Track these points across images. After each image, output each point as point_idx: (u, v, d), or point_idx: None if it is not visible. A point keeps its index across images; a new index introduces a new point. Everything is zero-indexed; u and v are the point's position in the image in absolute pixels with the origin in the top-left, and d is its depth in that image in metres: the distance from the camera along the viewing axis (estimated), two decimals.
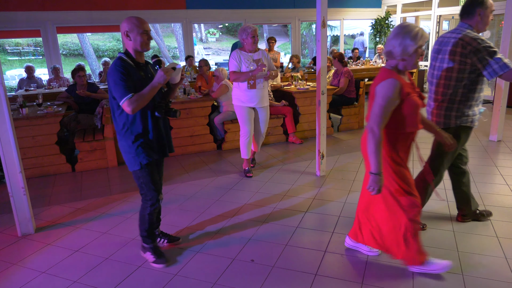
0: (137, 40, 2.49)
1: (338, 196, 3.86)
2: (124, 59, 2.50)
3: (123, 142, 2.61)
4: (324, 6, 3.98)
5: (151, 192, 2.69)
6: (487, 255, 2.73)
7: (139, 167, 2.61)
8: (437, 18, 9.84)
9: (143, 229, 2.78)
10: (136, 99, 2.41)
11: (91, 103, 5.60)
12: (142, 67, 2.60)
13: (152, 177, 2.67)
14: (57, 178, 4.75)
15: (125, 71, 2.44)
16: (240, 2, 9.50)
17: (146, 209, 2.74)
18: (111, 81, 2.44)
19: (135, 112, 2.47)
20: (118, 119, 2.57)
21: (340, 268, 2.66)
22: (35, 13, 7.90)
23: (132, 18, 2.50)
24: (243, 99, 4.25)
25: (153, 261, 2.78)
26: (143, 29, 2.49)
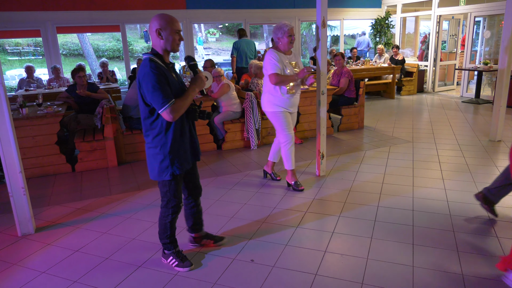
0: (169, 40, 2.34)
1: (338, 196, 3.86)
2: (155, 60, 2.32)
3: (156, 150, 2.43)
4: (324, 6, 3.98)
5: (174, 200, 2.60)
6: (487, 255, 2.73)
7: (170, 177, 2.48)
8: (437, 18, 9.84)
9: (165, 236, 2.69)
10: (179, 105, 2.29)
11: (91, 103, 5.60)
12: (171, 67, 2.46)
13: (179, 187, 2.58)
14: (57, 178, 4.75)
15: (162, 74, 2.26)
16: (240, 2, 9.50)
17: (168, 217, 2.64)
18: (146, 86, 2.25)
19: (175, 120, 2.32)
20: (151, 126, 2.40)
21: (340, 268, 2.66)
22: (35, 13, 7.90)
23: (165, 16, 2.34)
24: (283, 104, 3.86)
25: (177, 265, 2.71)
26: (176, 28, 2.35)
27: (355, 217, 3.40)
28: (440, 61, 10.22)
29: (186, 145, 2.51)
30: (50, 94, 6.61)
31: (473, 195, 3.43)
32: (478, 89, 8.78)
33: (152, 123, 2.39)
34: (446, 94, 10.07)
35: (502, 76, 5.31)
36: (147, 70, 2.26)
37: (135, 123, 5.32)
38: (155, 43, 2.38)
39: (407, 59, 10.74)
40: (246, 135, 5.63)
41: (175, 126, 2.41)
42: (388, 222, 3.27)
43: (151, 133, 2.42)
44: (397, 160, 4.85)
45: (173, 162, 2.45)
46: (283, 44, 3.77)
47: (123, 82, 12.45)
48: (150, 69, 2.25)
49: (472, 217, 3.30)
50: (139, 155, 5.31)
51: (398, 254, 2.78)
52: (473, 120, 7.00)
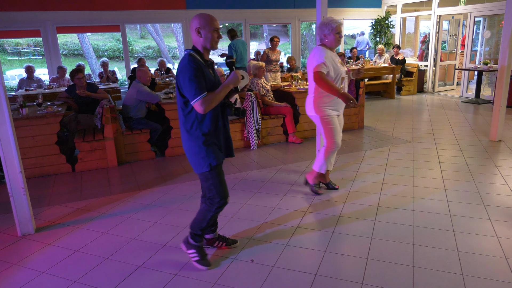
0: (208, 38, 2.42)
1: (338, 196, 3.86)
2: (194, 56, 2.41)
3: (192, 143, 2.50)
4: (324, 6, 3.98)
5: (220, 194, 2.58)
6: (487, 255, 2.73)
7: (209, 168, 2.51)
8: (437, 18, 9.84)
9: (199, 227, 2.69)
10: (210, 98, 2.35)
11: (91, 103, 5.60)
12: (210, 65, 2.53)
13: (222, 178, 2.58)
14: (57, 178, 4.75)
15: (199, 68, 2.35)
16: (240, 2, 9.50)
17: (211, 211, 2.62)
18: (183, 78, 2.35)
19: (206, 112, 2.39)
20: (186, 119, 2.48)
21: (340, 268, 2.66)
22: (35, 13, 7.90)
23: (205, 15, 2.43)
24: (335, 106, 3.66)
25: (196, 260, 2.72)
26: (215, 26, 2.43)
27: (355, 217, 3.40)
28: (440, 61, 10.22)
29: (220, 139, 2.58)
30: (50, 94, 6.62)
31: None
32: (478, 89, 8.78)
33: (187, 115, 2.47)
34: (446, 94, 10.08)
35: (502, 76, 5.31)
36: (185, 63, 2.36)
37: (135, 123, 5.32)
38: (195, 41, 2.47)
39: (407, 59, 10.74)
40: (246, 135, 5.63)
41: (209, 119, 2.48)
42: (388, 222, 3.28)
43: (186, 126, 2.50)
44: (397, 160, 4.85)
45: (209, 153, 2.50)
46: (329, 42, 3.50)
47: (123, 82, 12.45)
48: (188, 62, 2.36)
49: (472, 217, 3.30)
50: (139, 155, 5.31)
51: (398, 254, 2.78)
52: (473, 120, 7.00)
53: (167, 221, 3.46)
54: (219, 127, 2.56)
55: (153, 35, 17.75)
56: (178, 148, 5.46)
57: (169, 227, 3.33)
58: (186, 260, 2.82)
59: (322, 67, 3.41)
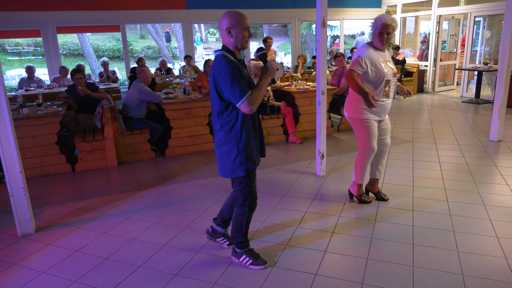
0: (239, 37, 2.35)
1: (338, 196, 3.86)
2: (228, 56, 2.34)
3: (229, 146, 2.42)
4: (324, 6, 3.98)
5: (251, 197, 2.56)
6: (487, 255, 2.73)
7: (245, 173, 2.46)
8: (437, 18, 9.84)
9: (240, 235, 2.67)
10: (256, 97, 2.29)
11: (91, 103, 5.60)
12: (242, 63, 2.46)
13: (253, 182, 2.55)
14: (57, 178, 4.75)
15: (236, 69, 2.28)
16: (240, 2, 9.50)
17: (244, 215, 2.60)
18: (223, 80, 2.27)
19: (254, 111, 2.31)
20: (226, 121, 2.40)
21: (340, 268, 2.66)
22: (35, 13, 7.90)
23: (235, 14, 2.36)
24: (377, 110, 3.35)
25: (251, 263, 2.68)
26: (245, 25, 2.36)
27: (355, 217, 3.40)
28: (440, 61, 10.22)
29: (257, 141, 2.53)
30: (50, 94, 6.62)
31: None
32: (478, 89, 8.78)
33: (227, 118, 2.40)
34: (446, 94, 10.07)
35: (502, 76, 5.31)
36: (223, 65, 2.29)
37: (135, 123, 5.32)
38: (226, 41, 2.40)
39: (407, 59, 10.74)
40: None
41: (248, 121, 2.42)
42: (388, 222, 3.27)
43: (225, 129, 2.42)
44: (397, 160, 4.85)
45: (248, 157, 2.44)
46: (374, 41, 3.29)
47: (123, 82, 12.45)
48: (226, 63, 2.28)
49: (472, 217, 3.30)
50: (139, 155, 5.31)
51: (398, 254, 2.78)
52: (473, 120, 7.00)
53: (167, 221, 3.46)
54: (256, 128, 2.52)
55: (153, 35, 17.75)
56: (178, 148, 5.46)
57: (169, 227, 3.33)
58: (186, 260, 2.82)
59: (357, 65, 3.20)
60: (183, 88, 5.90)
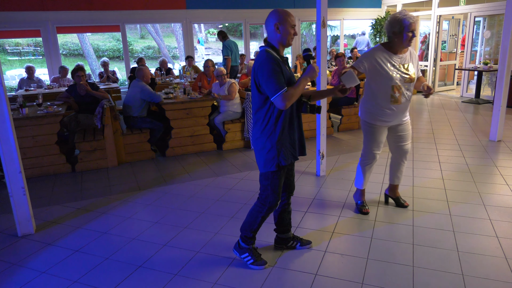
0: (286, 34, 2.40)
1: (338, 196, 3.86)
2: (271, 52, 2.40)
3: (263, 140, 2.47)
4: (324, 6, 3.98)
5: (273, 196, 2.55)
6: (487, 255, 2.73)
7: (275, 168, 2.48)
8: (437, 18, 9.84)
9: (251, 229, 2.66)
10: (291, 93, 2.32)
11: (91, 103, 5.59)
12: (285, 61, 2.49)
13: (281, 181, 2.55)
14: (57, 178, 4.75)
15: (277, 63, 2.34)
16: (240, 2, 9.50)
17: (262, 212, 2.59)
18: (261, 74, 2.33)
19: (287, 108, 2.36)
20: (263, 115, 2.45)
21: (340, 268, 2.66)
22: (35, 13, 7.90)
23: (283, 11, 2.42)
24: (379, 115, 3.15)
25: (251, 263, 2.70)
26: (293, 22, 2.42)
27: (355, 217, 3.40)
28: (440, 61, 10.22)
29: (293, 138, 2.54)
30: (50, 94, 6.61)
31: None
32: (478, 89, 8.78)
33: (264, 112, 2.44)
34: (446, 94, 10.07)
35: (502, 76, 5.31)
36: (264, 59, 2.35)
37: (139, 122, 5.32)
38: (272, 37, 2.45)
39: None
40: (246, 135, 5.63)
41: (285, 118, 2.44)
42: (388, 222, 3.27)
43: (262, 123, 2.46)
44: None
45: (280, 152, 2.46)
46: (398, 43, 2.99)
47: (123, 82, 12.45)
48: (266, 58, 2.34)
49: (472, 217, 3.30)
50: (139, 155, 5.31)
51: (398, 254, 2.78)
52: (473, 120, 7.00)
53: (167, 221, 3.46)
54: (294, 126, 2.53)
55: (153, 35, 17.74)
56: (178, 148, 5.46)
57: (169, 227, 3.33)
58: (186, 260, 2.82)
59: (358, 65, 3.05)
60: (183, 88, 5.90)
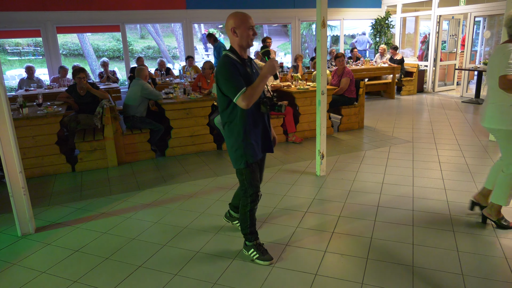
0: (244, 36, 2.49)
1: (338, 196, 3.86)
2: (230, 56, 2.50)
3: (232, 139, 2.60)
4: (324, 6, 3.98)
5: (252, 189, 2.68)
6: (487, 255, 2.73)
7: (245, 165, 2.61)
8: (437, 18, 9.84)
9: (245, 226, 2.78)
10: (250, 93, 2.41)
11: (91, 103, 5.59)
12: (247, 62, 2.59)
13: (255, 175, 2.68)
14: (57, 178, 4.75)
15: (234, 67, 2.44)
16: (240, 2, 9.50)
17: (247, 206, 2.73)
18: (221, 78, 2.45)
19: (249, 107, 2.45)
20: (228, 117, 2.57)
21: (340, 268, 2.66)
22: (35, 13, 7.90)
23: (239, 14, 2.50)
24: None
25: (257, 258, 2.78)
26: (250, 24, 2.50)
27: (355, 217, 3.40)
28: (440, 61, 10.22)
29: (258, 136, 2.64)
30: (50, 94, 6.61)
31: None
32: (478, 89, 8.77)
33: (228, 113, 2.56)
34: (446, 94, 10.07)
35: None
36: (222, 64, 2.48)
37: (138, 122, 5.32)
38: (232, 41, 2.55)
39: (407, 59, 10.73)
40: None
41: (248, 117, 2.54)
42: (388, 222, 3.27)
43: (228, 124, 2.59)
44: (397, 160, 4.84)
45: (246, 151, 2.58)
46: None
47: (123, 82, 12.45)
48: (224, 62, 2.47)
49: (472, 217, 3.30)
50: (139, 155, 5.31)
51: (398, 254, 2.78)
52: (473, 120, 7.00)
53: (167, 221, 3.46)
54: (259, 124, 2.63)
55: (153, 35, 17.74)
56: (178, 148, 5.46)
57: (169, 227, 3.33)
58: (186, 260, 2.82)
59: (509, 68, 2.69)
60: (183, 88, 5.91)
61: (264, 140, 2.70)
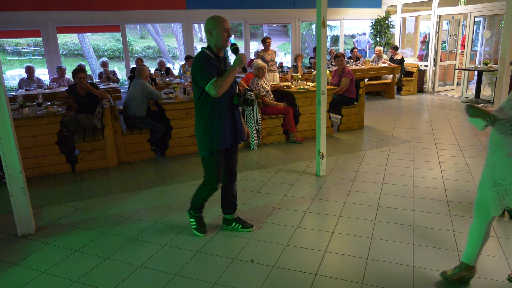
0: (218, 38, 2.74)
1: (338, 196, 3.86)
2: (206, 52, 2.78)
3: (199, 127, 2.84)
4: (324, 6, 3.98)
5: (212, 179, 2.92)
6: (487, 255, 2.73)
7: (209, 153, 2.83)
8: (437, 18, 9.84)
9: (195, 202, 3.12)
10: (219, 83, 2.65)
11: (91, 103, 5.59)
12: (222, 60, 2.85)
13: (217, 165, 2.90)
14: (57, 178, 4.75)
15: (207, 60, 2.71)
16: (240, 2, 9.50)
17: (204, 191, 3.02)
18: (195, 70, 2.71)
19: (219, 95, 2.68)
20: (198, 106, 2.81)
21: (340, 268, 2.66)
22: (35, 13, 7.90)
23: (215, 17, 2.76)
24: None
25: (194, 228, 3.16)
26: (225, 27, 2.73)
27: (355, 217, 3.40)
28: (440, 61, 10.22)
29: (225, 127, 2.84)
30: (50, 94, 6.61)
31: None
32: (478, 89, 8.78)
33: (200, 104, 2.80)
34: (446, 94, 10.07)
35: (502, 76, 5.31)
36: (196, 57, 2.75)
37: (138, 122, 5.32)
38: (208, 41, 2.82)
39: (407, 59, 10.73)
40: None
41: (216, 109, 2.79)
42: (388, 222, 3.28)
43: (198, 113, 2.83)
44: (397, 160, 4.84)
45: (211, 139, 2.81)
46: None
47: (123, 82, 12.45)
48: (198, 57, 2.75)
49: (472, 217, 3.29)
50: (139, 155, 5.31)
51: (398, 254, 2.78)
52: None
53: (167, 221, 3.46)
54: (225, 116, 2.82)
55: (153, 35, 17.74)
56: (178, 148, 5.46)
57: (169, 227, 3.33)
58: (186, 260, 2.82)
59: None
60: (183, 88, 5.91)
61: (233, 131, 2.91)
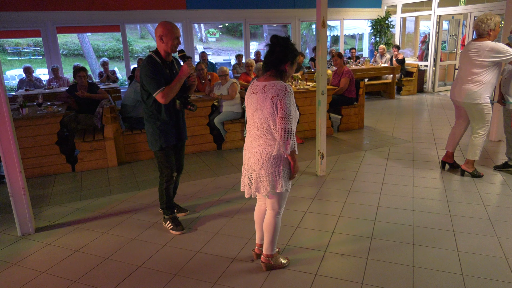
0: (169, 44, 2.91)
1: (338, 196, 3.86)
2: (153, 57, 2.93)
3: (148, 125, 3.07)
4: (324, 6, 3.98)
5: (166, 169, 3.16)
6: (487, 255, 2.73)
7: (159, 148, 3.07)
8: (437, 18, 9.84)
9: (163, 202, 3.26)
10: (167, 92, 2.89)
11: (91, 103, 5.59)
12: (169, 65, 3.03)
13: (168, 158, 3.14)
14: (57, 178, 4.75)
15: (155, 67, 2.88)
16: (240, 2, 9.50)
17: (163, 185, 3.21)
18: (144, 76, 2.89)
19: (167, 102, 2.93)
20: (147, 107, 3.02)
21: (340, 268, 2.66)
22: (35, 13, 7.90)
23: (167, 24, 2.89)
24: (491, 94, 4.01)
25: (171, 228, 3.23)
26: (175, 35, 2.91)
27: (355, 217, 3.40)
28: (440, 61, 10.22)
29: (171, 126, 3.10)
30: (50, 94, 6.61)
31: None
32: None
33: (149, 104, 3.01)
34: (446, 94, 10.07)
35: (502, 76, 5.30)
36: (144, 64, 2.91)
37: (135, 123, 5.31)
38: (158, 46, 2.96)
39: (407, 59, 10.73)
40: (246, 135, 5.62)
41: (165, 109, 3.01)
42: (388, 222, 3.28)
43: (148, 112, 3.04)
44: (397, 160, 4.85)
45: (161, 136, 3.05)
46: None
47: (123, 82, 12.45)
48: (147, 62, 2.91)
49: (472, 217, 3.30)
50: (139, 155, 5.31)
51: (398, 254, 2.78)
52: None
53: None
54: (172, 116, 3.07)
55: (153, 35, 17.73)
56: None
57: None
58: (186, 260, 2.82)
59: None
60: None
61: (178, 129, 3.15)
